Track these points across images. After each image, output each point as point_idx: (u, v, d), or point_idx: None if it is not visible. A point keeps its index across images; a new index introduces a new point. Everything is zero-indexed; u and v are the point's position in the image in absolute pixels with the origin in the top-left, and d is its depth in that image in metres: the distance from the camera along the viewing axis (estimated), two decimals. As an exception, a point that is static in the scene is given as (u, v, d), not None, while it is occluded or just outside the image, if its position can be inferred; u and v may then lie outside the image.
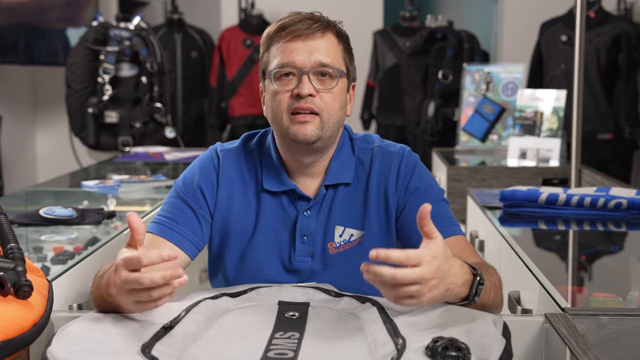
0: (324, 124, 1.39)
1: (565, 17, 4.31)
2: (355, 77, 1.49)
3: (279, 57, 1.40)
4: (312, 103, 1.38)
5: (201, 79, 5.12)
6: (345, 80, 1.44)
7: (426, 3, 6.16)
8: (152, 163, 3.53)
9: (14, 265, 1.14)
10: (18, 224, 2.02)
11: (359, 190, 1.46)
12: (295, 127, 1.38)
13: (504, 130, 3.83)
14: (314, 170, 1.46)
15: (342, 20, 1.46)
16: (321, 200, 1.46)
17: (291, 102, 1.38)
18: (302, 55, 1.38)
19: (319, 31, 1.39)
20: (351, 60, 1.46)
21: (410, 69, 4.49)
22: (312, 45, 1.39)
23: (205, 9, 5.82)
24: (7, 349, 1.04)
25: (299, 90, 1.37)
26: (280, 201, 1.46)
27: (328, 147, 1.44)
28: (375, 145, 1.50)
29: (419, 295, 1.10)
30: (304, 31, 1.38)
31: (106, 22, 4.23)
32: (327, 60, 1.39)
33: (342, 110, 1.43)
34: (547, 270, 1.57)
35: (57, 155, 5.10)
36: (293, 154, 1.44)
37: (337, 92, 1.40)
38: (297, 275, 1.46)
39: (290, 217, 1.46)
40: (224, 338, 1.15)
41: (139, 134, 4.20)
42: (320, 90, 1.38)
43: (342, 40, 1.44)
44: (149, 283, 1.11)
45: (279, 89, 1.39)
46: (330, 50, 1.40)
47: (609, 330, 1.23)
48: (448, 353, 1.02)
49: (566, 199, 2.14)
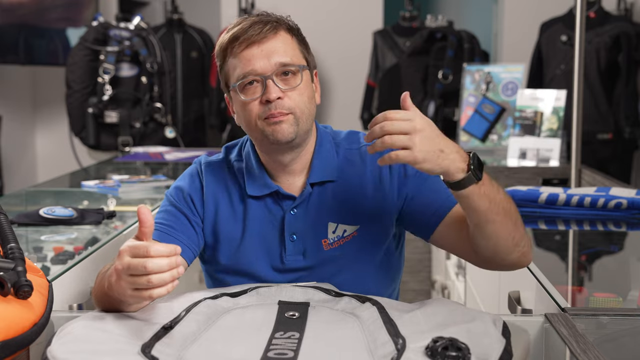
0: (298, 120, 1.40)
1: (565, 17, 4.31)
2: (315, 64, 1.50)
3: (239, 67, 1.40)
4: (282, 106, 1.39)
5: (201, 79, 5.12)
6: (308, 73, 1.45)
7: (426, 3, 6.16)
8: (152, 163, 3.53)
9: (14, 265, 1.14)
10: (18, 224, 2.02)
11: (352, 186, 1.47)
12: (271, 128, 1.39)
13: (504, 130, 3.83)
14: (295, 168, 1.47)
15: (290, 15, 1.47)
16: (307, 198, 1.47)
17: (262, 109, 1.39)
18: (260, 60, 1.39)
19: (270, 32, 1.40)
20: (308, 50, 1.47)
21: (410, 69, 4.49)
22: (268, 48, 1.39)
23: (205, 9, 5.82)
24: (7, 349, 1.04)
25: (267, 96, 1.38)
26: (265, 204, 1.47)
27: (305, 141, 1.46)
28: (363, 144, 1.51)
29: (412, 145, 1.20)
30: (257, 37, 1.39)
31: (106, 22, 4.23)
32: (287, 59, 1.40)
33: (311, 103, 1.44)
34: (547, 270, 1.57)
35: (57, 155, 5.09)
36: (272, 155, 1.45)
37: (303, 87, 1.42)
38: (291, 274, 1.46)
39: (277, 218, 1.47)
40: (224, 338, 1.15)
41: (139, 134, 4.19)
42: (286, 90, 1.40)
43: (294, 34, 1.45)
44: (154, 267, 1.10)
45: (247, 99, 1.41)
46: (287, 48, 1.41)
47: (609, 330, 1.23)
48: (448, 353, 1.02)
49: (566, 199, 2.14)
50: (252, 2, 5.08)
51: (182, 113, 4.89)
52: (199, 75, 5.10)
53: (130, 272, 1.13)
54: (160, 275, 1.11)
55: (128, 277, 1.13)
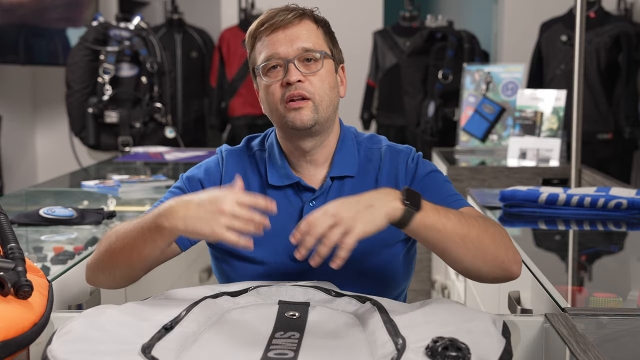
0: (317, 106, 1.43)
1: (565, 17, 4.31)
2: (342, 59, 1.54)
3: (264, 51, 1.45)
4: (302, 88, 1.42)
5: (201, 79, 5.12)
6: (332, 62, 1.48)
7: (426, 3, 6.16)
8: (152, 163, 3.53)
9: (14, 265, 1.14)
10: (18, 224, 2.02)
11: (368, 183, 1.49)
12: (292, 115, 1.42)
13: (504, 130, 3.83)
14: (316, 158, 1.49)
15: (317, 7, 1.50)
16: (327, 191, 1.49)
17: (283, 91, 1.43)
18: (284, 45, 1.43)
19: (295, 19, 1.44)
20: (334, 43, 1.51)
21: (410, 69, 4.49)
22: (292, 34, 1.44)
23: (205, 9, 5.82)
24: (7, 349, 1.04)
25: (288, 78, 1.42)
26: (285, 194, 1.49)
27: (326, 130, 1.48)
28: (384, 145, 1.54)
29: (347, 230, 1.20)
30: (282, 22, 1.43)
31: (106, 22, 4.23)
32: (309, 45, 1.44)
33: (333, 92, 1.47)
34: (547, 270, 1.57)
35: (57, 155, 5.09)
36: (294, 142, 1.48)
37: (324, 74, 1.45)
38: (305, 265, 1.46)
39: (296, 209, 1.48)
40: (224, 338, 1.15)
41: (139, 134, 4.19)
42: (307, 75, 1.43)
43: (320, 25, 1.48)
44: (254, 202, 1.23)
45: (269, 81, 1.45)
46: (311, 35, 1.45)
47: (609, 330, 1.23)
48: (448, 353, 1.02)
49: (566, 199, 2.14)
50: (252, 2, 5.08)
51: (182, 113, 4.89)
52: (199, 75, 5.11)
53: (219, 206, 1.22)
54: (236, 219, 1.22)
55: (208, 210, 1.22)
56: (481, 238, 1.31)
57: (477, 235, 1.30)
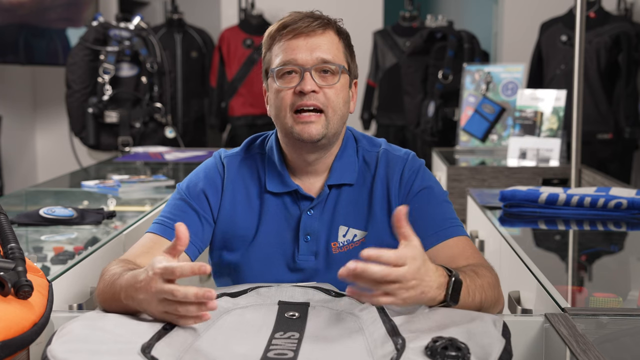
0: (329, 121, 1.40)
1: (565, 17, 4.31)
2: (356, 74, 1.51)
3: (281, 55, 1.41)
4: (316, 99, 1.39)
5: (201, 79, 5.12)
6: (347, 77, 1.45)
7: (426, 3, 6.16)
8: (152, 163, 3.53)
9: (14, 265, 1.14)
10: (18, 224, 2.02)
11: (364, 191, 1.47)
12: (299, 127, 1.40)
13: (504, 130, 3.83)
14: (317, 169, 1.48)
15: (342, 18, 1.48)
16: (325, 199, 1.47)
17: (294, 99, 1.40)
18: (303, 52, 1.40)
19: (319, 28, 1.41)
20: (352, 58, 1.48)
21: (410, 69, 4.49)
22: (313, 43, 1.40)
23: (205, 9, 5.82)
24: (7, 349, 1.04)
25: (302, 87, 1.39)
26: (283, 202, 1.47)
27: (332, 144, 1.46)
28: (382, 148, 1.51)
29: (396, 294, 1.12)
30: (305, 29, 1.40)
31: (106, 22, 4.23)
32: (329, 57, 1.40)
33: (345, 106, 1.44)
34: (547, 270, 1.57)
35: (57, 155, 5.10)
36: (297, 152, 1.45)
37: (339, 87, 1.42)
38: (301, 274, 1.46)
39: (293, 217, 1.47)
40: (224, 338, 1.15)
41: (139, 134, 4.20)
42: (323, 87, 1.40)
43: (342, 38, 1.45)
44: (181, 297, 1.11)
45: (282, 86, 1.41)
46: (332, 47, 1.42)
47: (609, 330, 1.23)
48: (448, 353, 1.02)
49: (566, 199, 2.14)
50: (252, 2, 5.08)
51: (182, 113, 4.89)
52: (199, 75, 5.11)
53: (162, 296, 1.12)
54: (186, 306, 1.12)
55: (161, 301, 1.13)
56: (489, 300, 1.30)
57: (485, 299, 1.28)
